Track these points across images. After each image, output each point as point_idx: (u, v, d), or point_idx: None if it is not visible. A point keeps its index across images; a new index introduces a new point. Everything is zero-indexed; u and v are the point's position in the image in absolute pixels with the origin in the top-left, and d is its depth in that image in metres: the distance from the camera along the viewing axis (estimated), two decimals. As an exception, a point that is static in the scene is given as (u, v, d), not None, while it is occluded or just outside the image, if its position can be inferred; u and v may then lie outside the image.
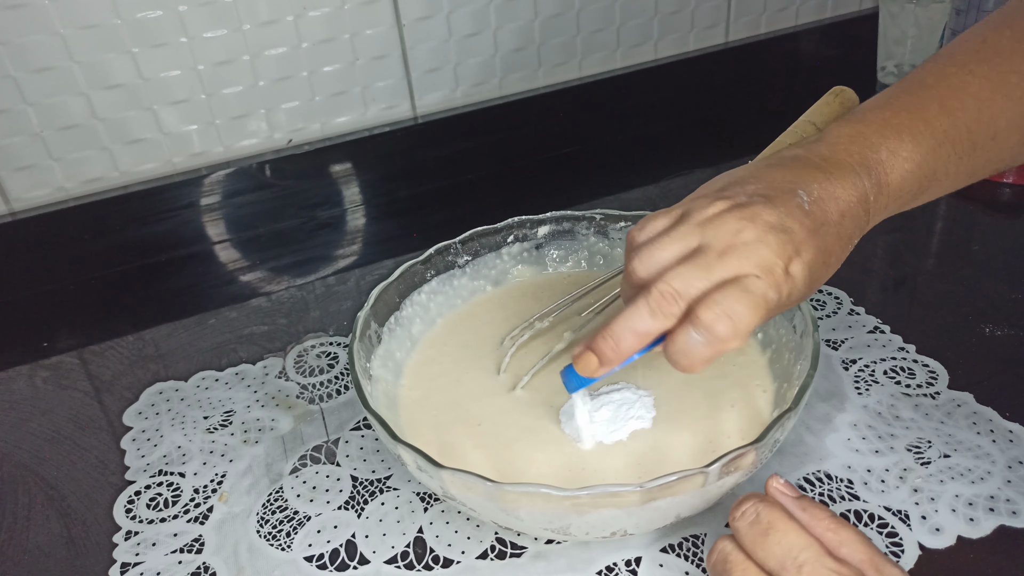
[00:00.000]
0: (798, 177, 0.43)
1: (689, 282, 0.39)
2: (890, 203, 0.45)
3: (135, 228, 0.81)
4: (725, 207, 0.41)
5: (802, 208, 0.41)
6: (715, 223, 0.41)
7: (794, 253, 0.40)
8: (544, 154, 0.95)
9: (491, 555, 0.49)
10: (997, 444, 0.53)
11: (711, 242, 0.40)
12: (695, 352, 0.39)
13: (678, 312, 0.40)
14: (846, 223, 0.43)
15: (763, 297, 0.39)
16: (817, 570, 0.38)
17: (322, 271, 0.79)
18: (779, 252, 0.40)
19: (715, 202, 0.42)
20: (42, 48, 0.73)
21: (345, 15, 0.81)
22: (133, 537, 0.52)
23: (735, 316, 0.38)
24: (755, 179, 0.43)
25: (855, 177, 0.43)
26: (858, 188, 0.43)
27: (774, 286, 0.39)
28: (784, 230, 0.40)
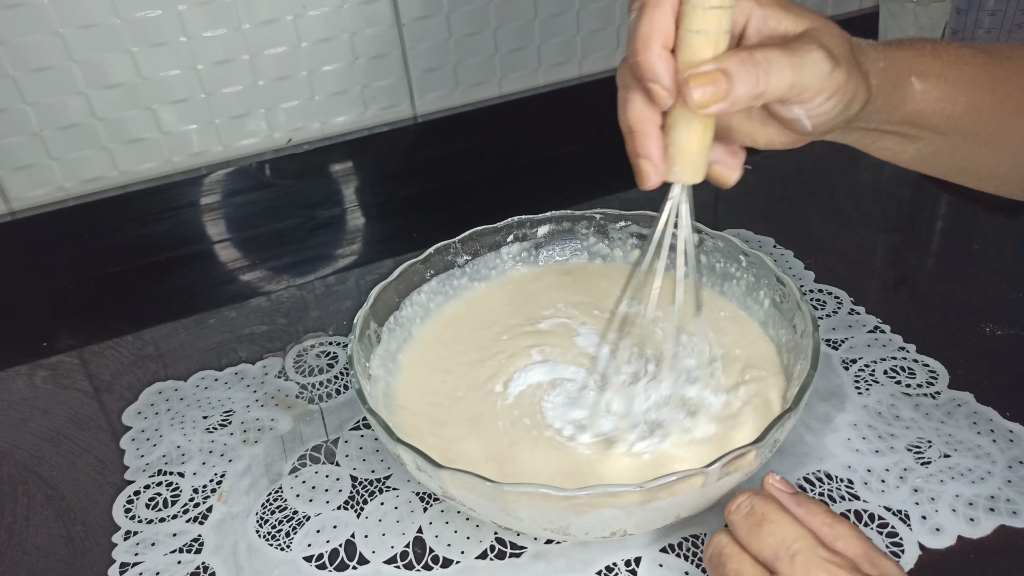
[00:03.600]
0: None
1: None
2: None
3: (134, 228, 0.81)
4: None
5: None
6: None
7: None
8: (544, 153, 0.95)
9: (491, 555, 0.49)
10: (997, 444, 0.53)
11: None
12: None
13: None
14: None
15: None
16: (810, 559, 0.39)
17: (322, 271, 0.79)
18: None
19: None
20: (41, 47, 0.73)
21: (344, 14, 0.81)
22: (132, 537, 0.52)
23: None
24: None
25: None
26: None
27: None
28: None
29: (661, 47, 0.38)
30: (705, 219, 0.62)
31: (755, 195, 0.86)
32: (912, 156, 0.47)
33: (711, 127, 0.40)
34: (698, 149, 0.40)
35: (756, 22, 0.39)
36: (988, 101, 0.45)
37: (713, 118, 0.40)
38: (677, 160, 0.41)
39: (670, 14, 0.38)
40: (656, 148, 0.40)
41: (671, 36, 0.38)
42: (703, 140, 0.40)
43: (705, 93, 0.37)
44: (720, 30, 0.37)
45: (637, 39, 0.38)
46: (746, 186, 0.87)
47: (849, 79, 0.39)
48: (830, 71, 0.38)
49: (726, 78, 0.37)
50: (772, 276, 0.55)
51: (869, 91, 0.40)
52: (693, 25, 0.37)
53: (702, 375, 0.52)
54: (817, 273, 0.71)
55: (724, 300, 0.60)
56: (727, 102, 0.37)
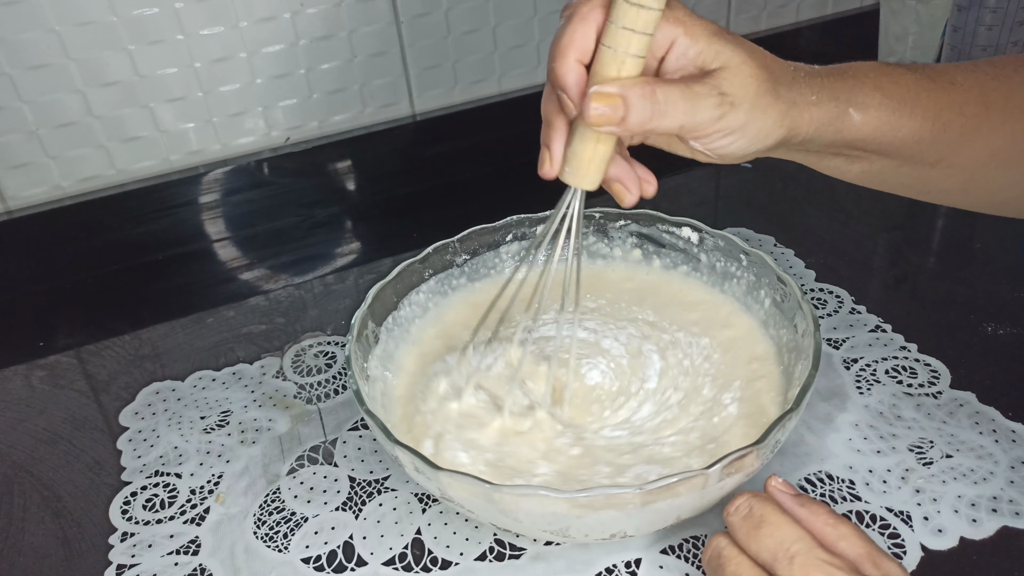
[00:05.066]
0: None
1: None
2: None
3: (132, 227, 0.81)
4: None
5: None
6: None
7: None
8: (543, 152, 0.95)
9: (490, 556, 0.49)
10: (1000, 444, 0.53)
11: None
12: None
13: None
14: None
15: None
16: (809, 561, 0.39)
17: (320, 270, 0.78)
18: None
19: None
20: (38, 45, 0.72)
21: (343, 12, 0.81)
22: (129, 538, 0.52)
23: None
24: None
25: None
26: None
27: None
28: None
29: (575, 60, 0.40)
30: (705, 218, 0.62)
31: (756, 193, 0.86)
32: (858, 175, 0.48)
33: (608, 141, 0.41)
34: (589, 158, 0.42)
35: (678, 49, 0.40)
36: (930, 128, 0.45)
37: (613, 137, 0.41)
38: (570, 162, 0.42)
39: (593, 30, 0.39)
40: (558, 143, 0.43)
41: (589, 51, 0.40)
42: (596, 151, 0.42)
43: (602, 113, 0.38)
44: (628, 51, 0.38)
45: (556, 47, 0.40)
46: (746, 185, 0.87)
47: (749, 121, 0.40)
48: (719, 117, 0.39)
49: (624, 105, 0.38)
50: (773, 275, 0.55)
51: (789, 127, 0.41)
52: (606, 40, 0.39)
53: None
54: (818, 272, 0.70)
55: (725, 297, 0.60)
56: (619, 128, 0.39)
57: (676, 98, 0.39)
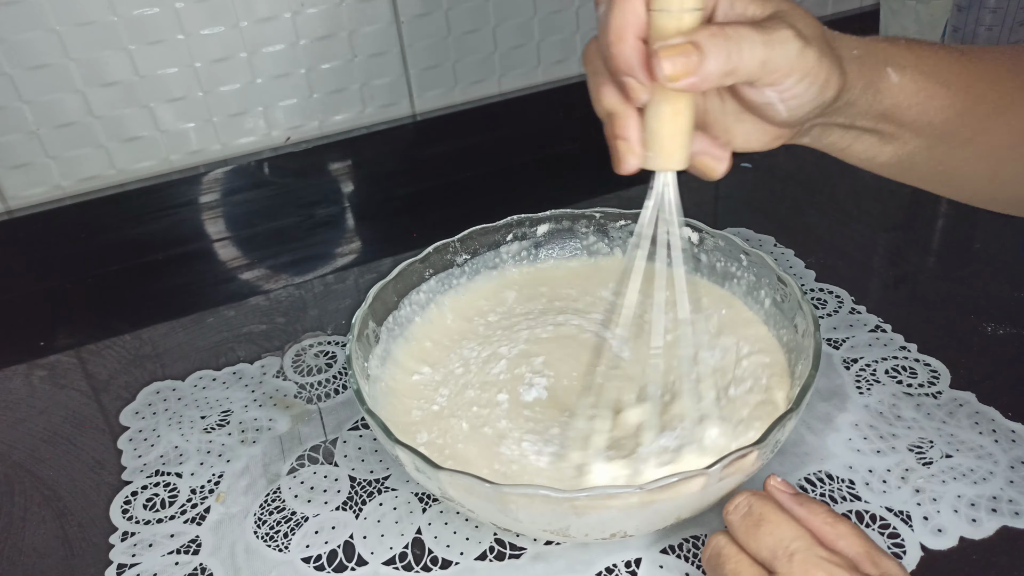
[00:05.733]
0: None
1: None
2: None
3: (132, 226, 0.81)
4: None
5: None
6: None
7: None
8: (543, 152, 0.95)
9: (490, 556, 0.49)
10: (999, 444, 0.53)
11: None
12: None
13: None
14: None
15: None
16: (808, 559, 0.39)
17: (320, 269, 0.78)
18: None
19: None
20: (38, 45, 0.72)
21: (343, 12, 0.81)
22: (130, 538, 0.52)
23: None
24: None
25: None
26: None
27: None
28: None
29: (635, 38, 0.37)
30: (705, 218, 0.62)
31: (756, 194, 0.86)
32: (889, 158, 0.47)
33: (687, 110, 0.39)
34: (670, 132, 0.39)
35: (723, 7, 0.38)
36: (963, 100, 0.44)
37: (690, 101, 0.39)
38: (651, 145, 0.40)
39: (641, 3, 0.37)
40: (634, 129, 0.39)
41: (644, 25, 0.37)
42: (676, 124, 0.39)
43: (676, 66, 0.35)
44: (683, 6, 0.36)
45: (610, 31, 0.37)
46: (746, 185, 0.87)
47: (821, 60, 0.38)
48: (800, 49, 0.37)
49: (697, 50, 0.36)
50: (773, 275, 0.55)
51: (843, 76, 0.40)
52: (657, 3, 0.36)
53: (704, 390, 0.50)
54: (818, 272, 0.70)
55: (729, 295, 0.60)
56: (698, 76, 0.36)
57: (750, 33, 0.36)
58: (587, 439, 0.48)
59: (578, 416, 0.49)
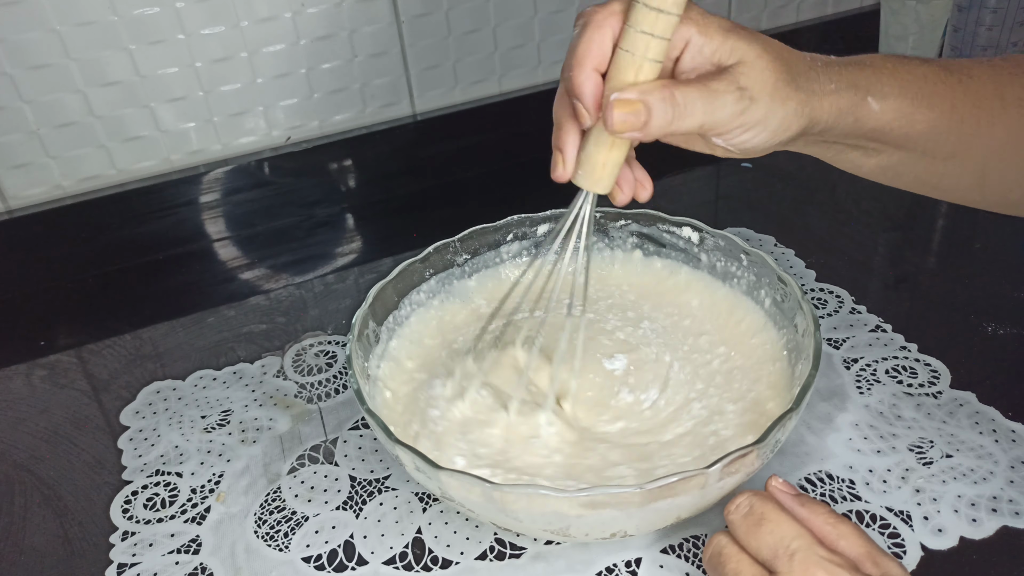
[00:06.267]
0: None
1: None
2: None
3: (133, 226, 0.81)
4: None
5: None
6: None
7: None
8: (544, 152, 0.94)
9: (490, 556, 0.49)
10: (1000, 444, 0.53)
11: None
12: None
13: None
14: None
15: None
16: (809, 558, 0.39)
17: (321, 269, 0.78)
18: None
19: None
20: (38, 45, 0.72)
21: (344, 12, 0.81)
22: (130, 537, 0.52)
23: None
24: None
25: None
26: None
27: None
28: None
29: (592, 69, 0.40)
30: (706, 218, 0.62)
31: (756, 193, 0.86)
32: (873, 168, 0.48)
33: (623, 147, 0.42)
34: (603, 162, 0.42)
35: (693, 48, 0.40)
36: (946, 120, 0.45)
37: (627, 142, 0.42)
38: (583, 165, 0.43)
39: (609, 38, 0.40)
40: (571, 146, 0.43)
41: (606, 59, 0.40)
42: (610, 155, 0.42)
43: (624, 120, 0.39)
44: (646, 55, 0.39)
45: (573, 56, 0.40)
46: (746, 185, 0.87)
47: (769, 113, 0.40)
48: (742, 109, 0.39)
49: (646, 110, 0.39)
50: (773, 275, 0.55)
51: (807, 117, 0.41)
52: (624, 44, 0.39)
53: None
54: (818, 272, 0.70)
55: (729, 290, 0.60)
56: (641, 132, 0.39)
57: (695, 98, 0.39)
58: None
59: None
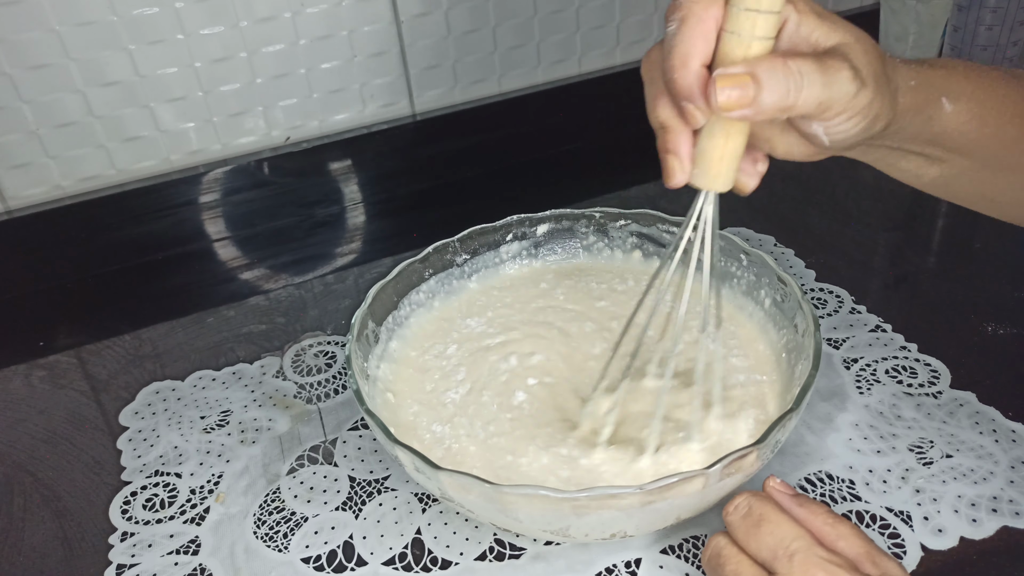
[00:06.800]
0: None
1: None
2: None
3: (132, 226, 0.81)
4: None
5: None
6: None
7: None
8: (543, 152, 0.95)
9: (490, 556, 0.49)
10: (1000, 444, 0.53)
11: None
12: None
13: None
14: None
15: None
16: (808, 559, 0.39)
17: (320, 269, 0.78)
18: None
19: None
20: (38, 45, 0.72)
21: (343, 11, 0.81)
22: (129, 538, 0.52)
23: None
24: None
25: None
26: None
27: None
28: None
29: (700, 65, 0.37)
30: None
31: (756, 193, 0.85)
32: (934, 179, 0.46)
33: (741, 134, 0.39)
34: (720, 156, 0.39)
35: (790, 27, 0.37)
36: (1014, 128, 0.44)
37: (745, 127, 0.38)
38: (699, 163, 0.39)
39: (713, 29, 0.36)
40: (686, 146, 0.39)
41: (711, 52, 0.37)
42: (727, 147, 0.39)
43: (730, 96, 0.35)
44: (753, 34, 0.36)
45: (675, 55, 0.36)
46: (747, 184, 0.87)
47: (874, 100, 0.37)
48: (855, 93, 0.36)
49: (754, 83, 0.35)
50: (773, 275, 0.55)
51: (894, 110, 0.39)
52: (729, 25, 0.36)
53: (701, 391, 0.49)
54: (818, 272, 0.70)
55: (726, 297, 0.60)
56: (752, 109, 0.35)
57: (812, 70, 0.35)
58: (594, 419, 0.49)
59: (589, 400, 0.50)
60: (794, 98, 0.35)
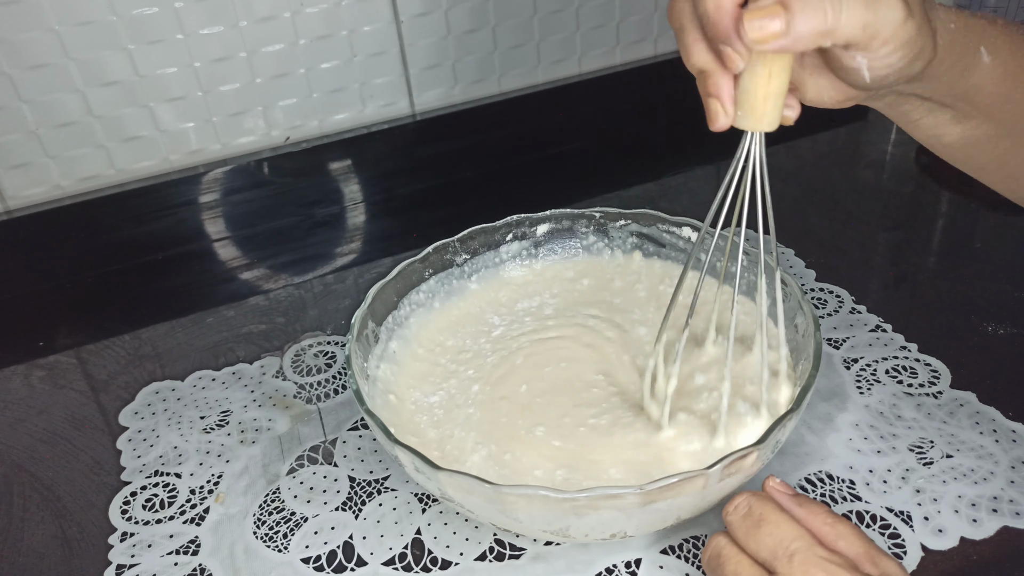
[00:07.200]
0: None
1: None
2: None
3: (132, 226, 0.81)
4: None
5: None
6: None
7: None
8: (543, 152, 0.95)
9: (490, 556, 0.49)
10: (1000, 444, 0.53)
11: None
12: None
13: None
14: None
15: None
16: (808, 559, 0.39)
17: (320, 269, 0.78)
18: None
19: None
20: (37, 45, 0.72)
21: (343, 11, 0.81)
22: (129, 538, 0.52)
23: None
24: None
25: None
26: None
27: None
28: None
29: (735, 5, 0.35)
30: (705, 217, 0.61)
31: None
32: (954, 140, 0.45)
33: (782, 73, 0.37)
34: (764, 95, 0.38)
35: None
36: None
37: (787, 64, 0.37)
38: (743, 105, 0.38)
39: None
40: (727, 88, 0.38)
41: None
42: (770, 86, 0.37)
43: (763, 28, 0.34)
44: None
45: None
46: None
47: (919, 33, 0.36)
48: (904, 18, 0.35)
49: (785, 11, 0.34)
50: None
51: (935, 50, 0.38)
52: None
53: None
54: (818, 272, 0.70)
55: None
56: (787, 39, 0.34)
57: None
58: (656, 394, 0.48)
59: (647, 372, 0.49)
60: (833, 21, 0.34)
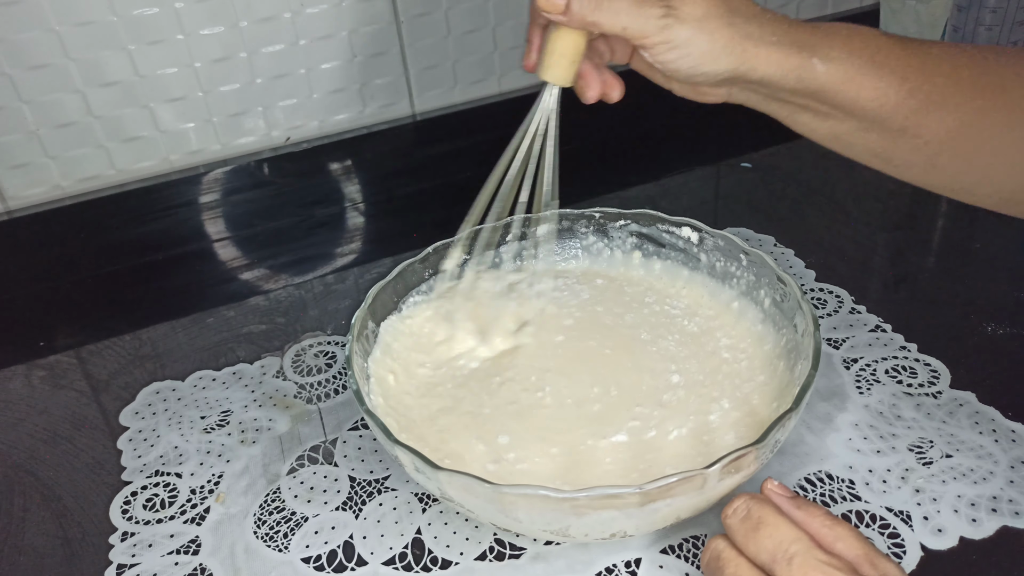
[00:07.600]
0: None
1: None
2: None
3: (132, 226, 0.81)
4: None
5: None
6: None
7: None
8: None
9: (490, 556, 0.49)
10: (1000, 444, 0.53)
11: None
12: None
13: None
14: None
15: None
16: (808, 561, 0.39)
17: (320, 270, 0.78)
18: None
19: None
20: (37, 45, 0.72)
21: (343, 12, 0.81)
22: (129, 538, 0.52)
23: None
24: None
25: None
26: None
27: None
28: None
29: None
30: (705, 217, 0.62)
31: (756, 193, 0.86)
32: (826, 134, 0.49)
33: (572, 39, 0.46)
34: (559, 52, 0.47)
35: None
36: (896, 91, 0.45)
37: (575, 32, 0.45)
38: (543, 59, 0.48)
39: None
40: (537, 37, 0.49)
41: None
42: (559, 45, 0.46)
43: (549, 2, 0.43)
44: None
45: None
46: (746, 185, 0.87)
47: (695, 40, 0.43)
48: (663, 27, 0.42)
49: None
50: (773, 275, 0.55)
51: (739, 56, 0.43)
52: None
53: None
54: (818, 272, 0.70)
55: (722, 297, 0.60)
56: (564, 16, 0.43)
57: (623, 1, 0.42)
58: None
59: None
60: (598, 16, 0.43)
